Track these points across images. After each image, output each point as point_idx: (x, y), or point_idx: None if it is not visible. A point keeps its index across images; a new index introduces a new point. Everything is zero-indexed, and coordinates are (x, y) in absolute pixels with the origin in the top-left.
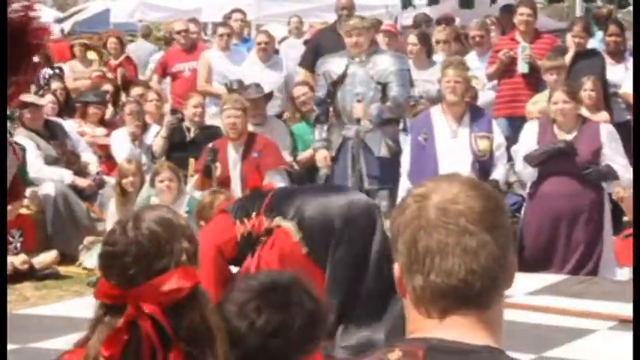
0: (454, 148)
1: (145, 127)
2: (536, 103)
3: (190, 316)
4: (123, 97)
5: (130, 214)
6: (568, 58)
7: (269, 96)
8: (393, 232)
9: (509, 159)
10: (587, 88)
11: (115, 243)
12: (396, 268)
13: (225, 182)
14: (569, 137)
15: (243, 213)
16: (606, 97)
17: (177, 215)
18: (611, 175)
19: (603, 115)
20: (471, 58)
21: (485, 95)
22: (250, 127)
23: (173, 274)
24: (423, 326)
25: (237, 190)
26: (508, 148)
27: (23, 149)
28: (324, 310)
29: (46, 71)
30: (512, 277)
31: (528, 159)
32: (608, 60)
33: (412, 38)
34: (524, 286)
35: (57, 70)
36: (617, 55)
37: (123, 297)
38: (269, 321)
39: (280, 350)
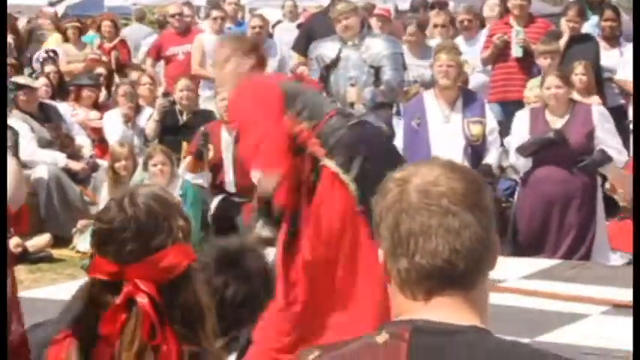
0: (447, 133)
1: (138, 110)
2: (532, 89)
3: (185, 294)
4: (117, 80)
5: (124, 192)
6: (562, 42)
7: None
8: (376, 217)
9: (502, 143)
10: (579, 72)
11: (112, 219)
12: (380, 253)
13: (217, 165)
14: (561, 122)
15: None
16: (600, 81)
17: (170, 194)
18: (606, 159)
19: (595, 100)
20: (459, 43)
21: (476, 78)
22: None
23: (170, 251)
24: (409, 309)
25: (229, 173)
26: (501, 133)
27: (16, 133)
28: (271, 267)
29: (40, 54)
30: (496, 258)
31: (520, 150)
32: (603, 45)
33: (411, 29)
34: (517, 270)
35: (51, 54)
36: (612, 40)
37: (121, 273)
38: (237, 292)
39: (249, 316)
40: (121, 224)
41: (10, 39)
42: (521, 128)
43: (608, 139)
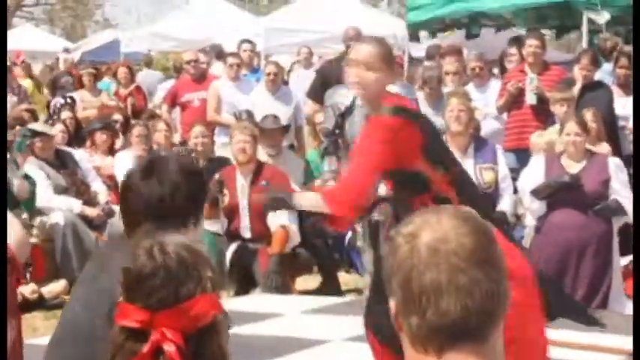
0: None
1: (151, 152)
2: (542, 136)
3: (211, 345)
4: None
5: (152, 241)
6: (575, 90)
7: (286, 128)
8: (387, 271)
9: (515, 191)
10: (588, 119)
11: (142, 266)
12: (392, 304)
13: (233, 210)
14: (577, 168)
15: None
16: (614, 129)
17: (198, 246)
18: (619, 210)
19: (605, 147)
20: (470, 90)
21: (489, 125)
22: (265, 158)
23: (199, 300)
24: None
25: (245, 219)
26: (514, 179)
27: (33, 183)
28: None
29: (58, 100)
30: (509, 304)
31: (535, 193)
32: (618, 92)
33: (433, 84)
34: None
35: (68, 100)
36: (627, 88)
37: (150, 321)
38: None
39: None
40: (151, 270)
41: (26, 84)
42: (537, 172)
43: (622, 191)
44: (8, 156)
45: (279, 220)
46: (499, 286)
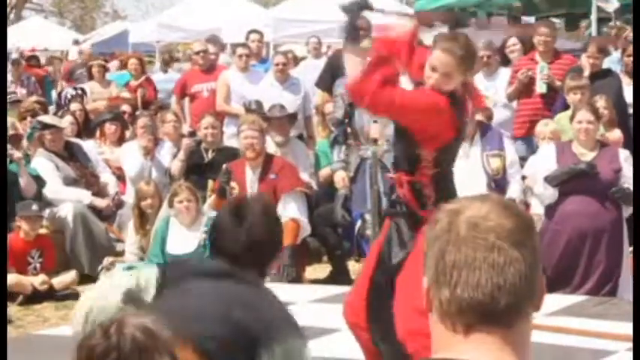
0: (467, 170)
1: (157, 143)
2: (548, 124)
3: None
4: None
5: (114, 319)
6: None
7: (293, 117)
8: (424, 246)
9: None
10: (600, 106)
11: (95, 345)
12: (424, 281)
13: None
14: (590, 156)
15: None
16: (624, 116)
17: (162, 328)
18: (631, 198)
19: (617, 133)
20: (479, 78)
21: (499, 113)
22: (272, 147)
23: None
24: (448, 343)
25: None
26: (522, 166)
27: (38, 176)
28: None
29: (68, 91)
30: (541, 299)
31: (549, 179)
32: (626, 80)
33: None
34: (542, 306)
35: (79, 91)
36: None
37: None
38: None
39: None
40: (103, 352)
41: (34, 79)
42: (548, 160)
43: (630, 181)
44: (19, 153)
45: (289, 212)
46: (533, 271)
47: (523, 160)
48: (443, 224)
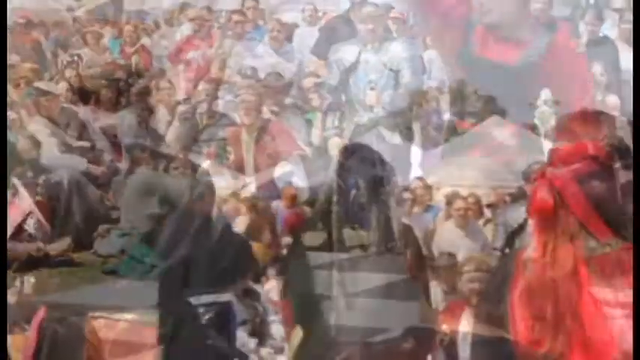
0: None
1: (151, 110)
2: None
3: None
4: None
5: None
6: (581, 45)
7: (289, 85)
8: None
9: None
10: (597, 72)
11: None
12: None
13: (239, 167)
14: None
15: None
16: (620, 83)
17: None
18: None
19: (613, 99)
20: None
21: None
22: (267, 115)
23: None
24: None
25: (250, 174)
26: None
27: (38, 143)
28: None
29: (64, 57)
30: None
31: None
32: (623, 47)
33: None
34: None
35: (75, 57)
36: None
37: None
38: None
39: None
40: None
41: (29, 46)
42: None
43: None
44: (15, 115)
45: (287, 177)
46: None
47: None
48: None
